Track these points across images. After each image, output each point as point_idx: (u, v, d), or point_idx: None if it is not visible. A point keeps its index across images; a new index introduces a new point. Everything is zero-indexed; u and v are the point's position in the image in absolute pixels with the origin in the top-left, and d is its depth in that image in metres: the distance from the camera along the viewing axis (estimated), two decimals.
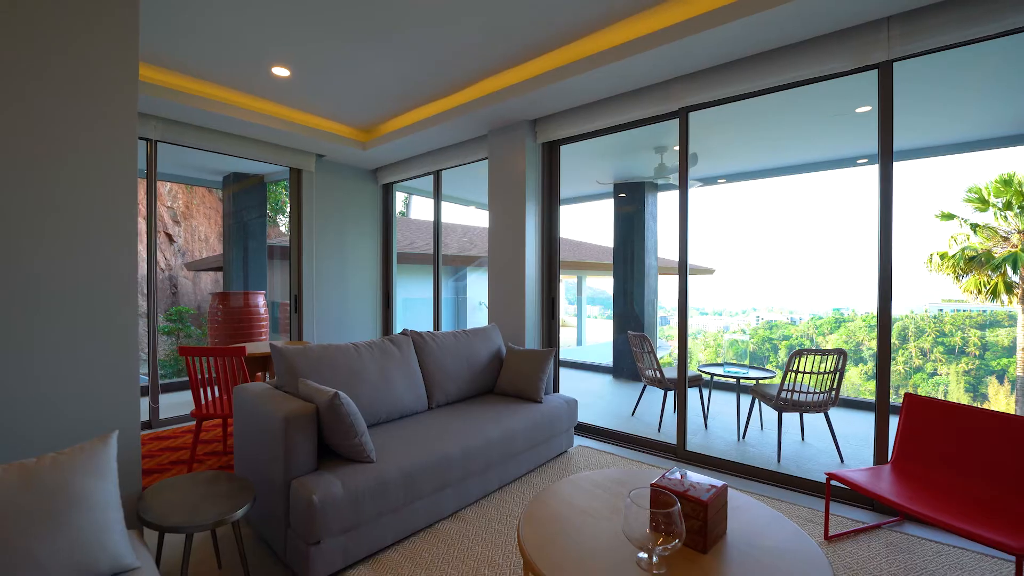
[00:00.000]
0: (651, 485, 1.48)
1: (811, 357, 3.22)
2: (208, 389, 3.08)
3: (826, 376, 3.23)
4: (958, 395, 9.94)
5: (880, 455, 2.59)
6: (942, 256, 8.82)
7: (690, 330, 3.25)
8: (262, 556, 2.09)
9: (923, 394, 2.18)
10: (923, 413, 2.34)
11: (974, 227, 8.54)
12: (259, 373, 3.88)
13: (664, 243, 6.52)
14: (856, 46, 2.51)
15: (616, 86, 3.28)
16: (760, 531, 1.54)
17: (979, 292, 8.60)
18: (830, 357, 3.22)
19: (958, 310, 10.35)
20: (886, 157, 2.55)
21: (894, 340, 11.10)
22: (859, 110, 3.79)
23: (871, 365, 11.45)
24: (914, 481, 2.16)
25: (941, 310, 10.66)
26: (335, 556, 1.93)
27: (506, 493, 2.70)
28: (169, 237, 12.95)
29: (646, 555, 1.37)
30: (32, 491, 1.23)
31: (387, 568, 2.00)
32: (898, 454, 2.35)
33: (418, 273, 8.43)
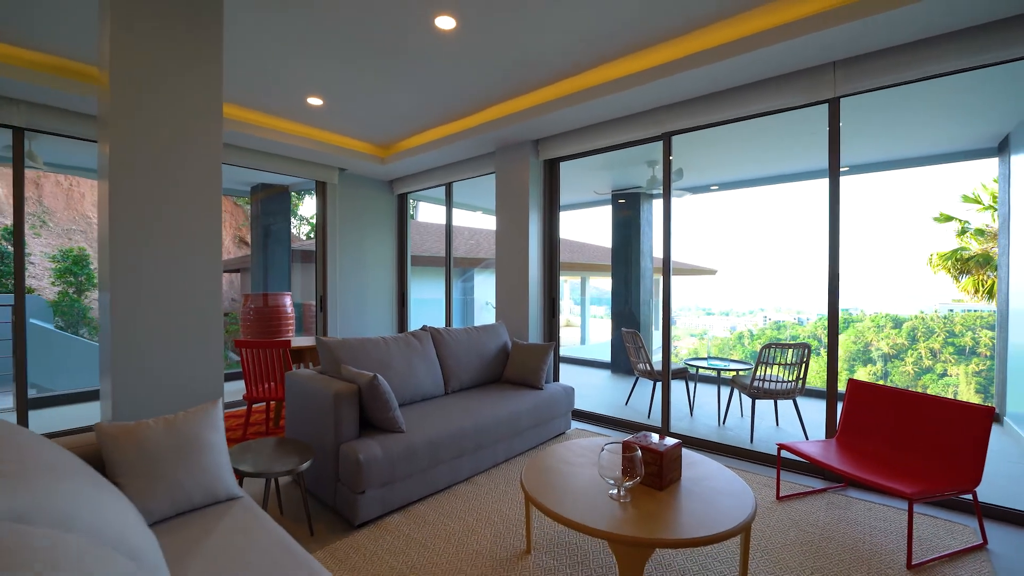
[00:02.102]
0: (622, 441, 1.95)
1: (779, 350, 3.67)
2: (255, 377, 3.59)
3: (792, 367, 3.68)
4: (968, 396, 9.74)
5: (831, 431, 3.04)
6: (940, 256, 9.12)
7: (696, 330, 3.71)
8: (314, 505, 2.58)
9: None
10: (863, 395, 2.78)
11: (963, 231, 8.86)
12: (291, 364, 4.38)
13: (659, 247, 6.95)
14: (808, 85, 2.96)
15: (608, 113, 3.74)
16: (707, 478, 2.01)
17: (976, 292, 8.89)
18: (795, 350, 3.67)
19: (968, 310, 10.21)
20: (834, 176, 3.01)
21: (903, 340, 11.17)
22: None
23: (880, 366, 11.61)
24: (852, 451, 2.61)
25: (951, 310, 10.55)
26: (375, 505, 2.41)
27: (512, 464, 3.17)
28: None
29: (616, 490, 1.84)
30: (175, 437, 1.72)
31: (416, 516, 2.48)
32: (842, 429, 2.79)
33: (426, 275, 8.91)
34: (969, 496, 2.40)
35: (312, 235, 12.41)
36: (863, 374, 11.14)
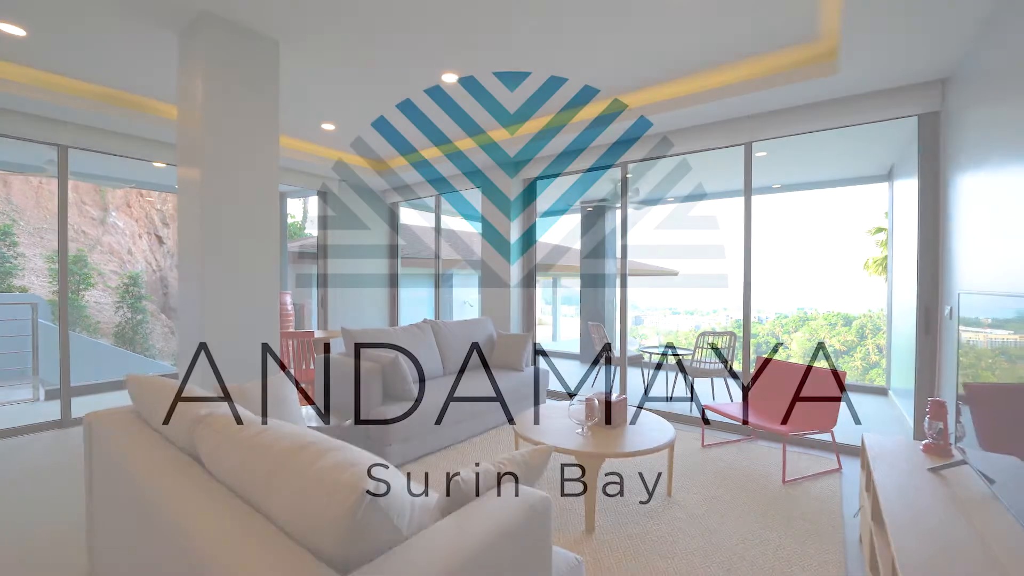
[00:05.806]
0: (585, 397, 2.74)
1: (711, 337, 4.57)
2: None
3: (722, 351, 4.58)
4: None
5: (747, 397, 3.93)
6: (875, 261, 10.38)
7: (662, 329, 4.55)
8: None
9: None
10: (768, 368, 3.67)
11: (887, 241, 10.13)
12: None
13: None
14: (731, 132, 3.86)
15: (576, 146, 4.56)
16: (645, 422, 2.83)
17: None
18: (725, 337, 4.58)
19: None
20: (748, 198, 3.93)
21: (852, 337, 12.33)
22: (758, 154, 5.16)
23: (832, 361, 12.86)
24: (756, 408, 3.48)
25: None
26: (397, 456, 3.11)
27: (500, 429, 3.93)
28: (159, 239, 13.62)
29: (581, 428, 2.63)
30: (269, 394, 2.39)
31: (428, 464, 3.20)
32: (752, 393, 3.68)
33: (408, 277, 9.51)
34: (828, 436, 3.31)
35: (291, 235, 12.87)
36: None
